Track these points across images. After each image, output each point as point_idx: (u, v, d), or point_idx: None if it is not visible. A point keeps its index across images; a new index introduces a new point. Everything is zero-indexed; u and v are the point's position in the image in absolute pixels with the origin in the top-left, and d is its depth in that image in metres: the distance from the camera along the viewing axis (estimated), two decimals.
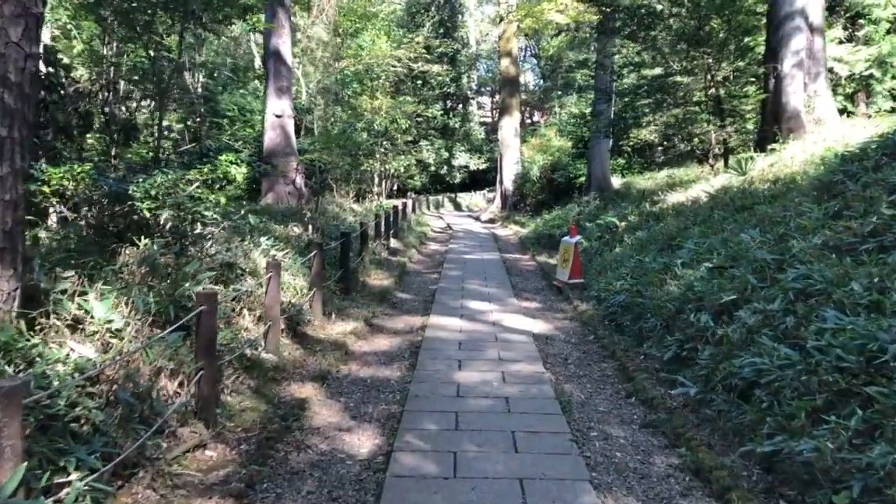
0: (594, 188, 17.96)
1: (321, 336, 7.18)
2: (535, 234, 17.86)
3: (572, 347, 7.22)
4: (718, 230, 8.12)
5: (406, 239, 16.34)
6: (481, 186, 43.15)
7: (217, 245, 6.97)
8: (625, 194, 16.73)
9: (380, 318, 8.53)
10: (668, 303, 6.56)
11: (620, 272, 8.72)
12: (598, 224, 13.56)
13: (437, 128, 38.29)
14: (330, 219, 12.77)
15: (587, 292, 9.57)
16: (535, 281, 11.78)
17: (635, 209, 13.34)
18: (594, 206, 16.97)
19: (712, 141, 12.16)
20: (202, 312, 4.40)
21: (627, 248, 10.23)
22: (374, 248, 12.40)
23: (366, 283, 10.51)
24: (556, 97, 32.44)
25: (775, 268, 5.74)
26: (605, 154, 18.15)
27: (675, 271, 7.22)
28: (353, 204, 16.71)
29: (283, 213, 11.83)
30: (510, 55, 28.35)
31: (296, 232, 10.57)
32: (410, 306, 9.42)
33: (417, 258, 14.60)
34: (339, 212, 14.15)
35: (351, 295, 9.31)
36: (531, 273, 12.72)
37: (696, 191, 11.55)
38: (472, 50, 45.32)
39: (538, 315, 8.80)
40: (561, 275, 10.52)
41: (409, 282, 11.45)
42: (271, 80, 14.51)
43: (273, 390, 5.38)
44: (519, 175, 26.76)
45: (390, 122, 22.23)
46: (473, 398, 5.43)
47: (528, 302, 9.74)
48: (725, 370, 4.78)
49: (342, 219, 13.52)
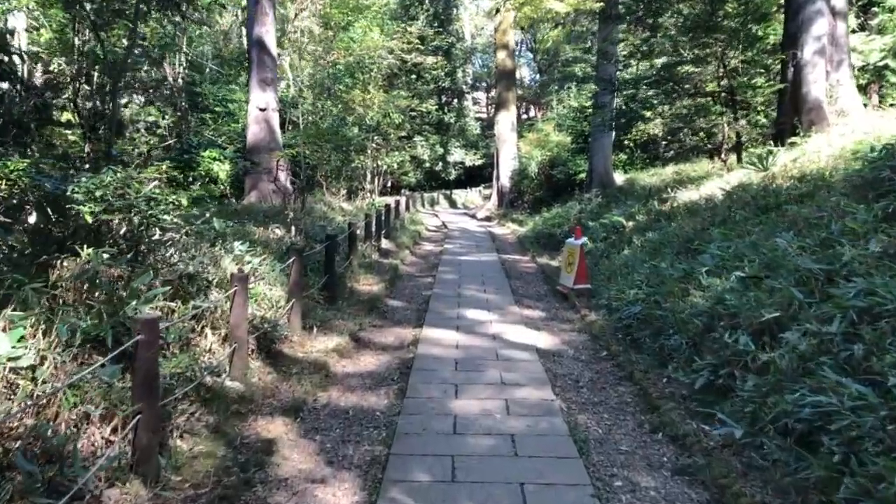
0: (596, 185, 17.15)
1: (299, 355, 6.34)
2: (535, 234, 17.04)
3: (583, 366, 6.40)
4: (743, 233, 7.32)
5: (399, 239, 15.50)
6: (477, 183, 42.37)
7: (180, 253, 6.12)
8: (629, 191, 15.93)
9: (367, 330, 7.69)
10: (693, 317, 5.75)
11: (633, 279, 7.90)
12: (602, 223, 12.74)
13: (431, 123, 37.42)
14: (316, 219, 11.92)
15: (595, 300, 8.76)
16: (537, 285, 10.96)
17: (642, 207, 12.53)
18: (596, 203, 16.16)
19: (725, 134, 11.35)
20: (140, 343, 3.57)
21: (638, 251, 9.42)
22: (363, 251, 11.56)
23: (354, 289, 9.67)
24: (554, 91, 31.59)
25: (824, 280, 4.92)
26: (607, 149, 17.33)
27: (698, 280, 6.40)
28: (343, 202, 15.84)
29: (266, 214, 10.98)
30: (506, 48, 27.49)
31: (277, 234, 9.72)
32: (402, 316, 8.58)
33: (411, 260, 13.76)
34: (327, 211, 13.28)
35: (337, 304, 8.47)
36: (532, 276, 11.90)
37: (710, 188, 10.74)
38: (466, 44, 44.42)
39: (542, 326, 7.98)
40: (565, 280, 9.70)
41: (401, 287, 10.62)
42: (254, 71, 13.62)
43: (235, 428, 4.54)
44: (516, 171, 25.95)
45: (383, 117, 21.35)
46: (473, 436, 4.61)
47: (531, 310, 8.92)
48: (776, 407, 3.97)
49: (330, 219, 12.66)
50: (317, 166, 18.03)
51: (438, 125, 38.17)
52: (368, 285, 10.19)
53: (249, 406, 4.92)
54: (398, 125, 22.53)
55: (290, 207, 9.84)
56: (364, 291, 9.68)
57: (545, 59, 47.66)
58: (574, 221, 15.62)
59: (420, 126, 35.87)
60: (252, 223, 9.99)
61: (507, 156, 26.87)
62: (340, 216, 13.37)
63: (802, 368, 4.15)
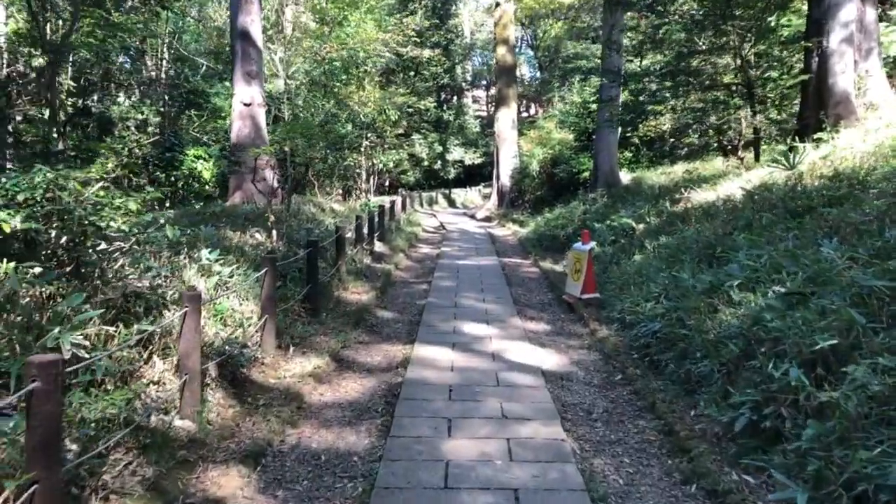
0: (601, 184, 16.33)
1: (271, 381, 5.53)
2: (537, 235, 16.23)
3: (596, 393, 5.59)
4: (773, 239, 6.51)
5: (393, 242, 14.69)
6: (477, 182, 41.59)
7: (134, 266, 5.31)
8: (636, 191, 15.10)
9: (352, 348, 6.88)
10: (725, 340, 4.94)
11: (649, 290, 7.08)
12: (610, 226, 11.92)
13: (430, 121, 36.65)
14: (303, 221, 11.11)
15: (606, 311, 7.95)
16: (540, 293, 10.15)
17: (652, 209, 11.71)
18: (602, 203, 15.34)
19: (742, 130, 10.54)
20: (35, 393, 2.76)
21: (652, 258, 8.60)
22: (353, 256, 10.75)
23: (341, 298, 8.86)
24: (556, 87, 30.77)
25: (889, 299, 4.11)
26: (612, 146, 16.52)
27: (728, 294, 5.59)
28: (335, 203, 15.02)
29: (247, 216, 10.18)
30: (506, 42, 26.66)
31: (258, 239, 8.91)
32: (392, 330, 7.77)
33: (405, 264, 12.95)
34: (317, 213, 12.47)
35: (320, 316, 7.66)
36: (535, 283, 11.08)
37: (728, 188, 9.93)
38: (465, 40, 43.59)
39: (548, 342, 7.17)
40: (572, 288, 8.90)
41: (393, 295, 9.81)
42: (238, 63, 12.80)
43: (179, 482, 3.73)
44: (517, 170, 25.14)
45: (378, 114, 20.53)
46: (468, 491, 3.80)
47: (535, 323, 8.11)
48: (848, 466, 3.16)
49: (319, 221, 11.85)
50: (308, 165, 17.24)
51: (437, 123, 37.38)
52: (357, 294, 9.38)
53: (201, 451, 4.11)
54: (395, 122, 21.71)
55: (270, 210, 9.01)
56: (352, 301, 8.87)
57: (546, 56, 46.84)
58: (578, 222, 14.82)
59: (418, 124, 35.09)
60: (230, 227, 9.18)
61: (508, 154, 26.05)
62: (330, 218, 12.55)
63: (877, 415, 3.34)
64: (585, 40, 38.45)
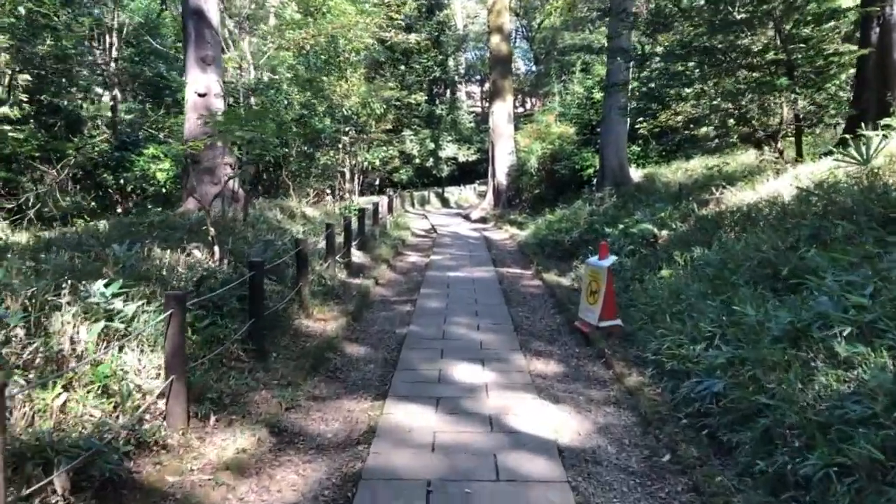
0: (609, 182, 14.64)
1: (168, 480, 3.80)
2: (538, 240, 14.52)
3: (639, 489, 3.89)
4: (863, 256, 4.83)
5: (376, 250, 12.96)
6: (471, 179, 39.92)
7: None
8: (649, 189, 13.44)
9: (302, 408, 5.16)
10: (843, 425, 3.25)
11: (695, 325, 5.36)
12: (625, 232, 10.23)
13: (421, 116, 34.89)
14: (263, 232, 9.37)
15: (632, 346, 6.26)
16: (546, 315, 8.44)
17: (674, 211, 10.04)
18: (611, 204, 13.66)
19: (784, 116, 8.84)
20: None
21: (686, 275, 6.90)
22: (322, 272, 9.02)
23: (300, 330, 7.14)
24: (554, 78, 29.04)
25: None
26: (621, 139, 14.82)
27: (827, 344, 3.89)
28: (309, 207, 13.27)
29: (192, 227, 8.44)
30: (501, 31, 24.91)
31: (196, 257, 7.18)
32: (360, 375, 6.05)
33: (388, 278, 11.23)
34: (284, 220, 10.73)
35: (266, 360, 5.94)
36: (538, 301, 9.38)
37: (772, 187, 8.24)
38: (458, 31, 41.82)
39: (562, 393, 5.47)
40: (587, 313, 7.20)
41: (368, 321, 8.09)
42: (191, 47, 11.04)
43: None
44: (514, 167, 23.43)
45: (362, 107, 18.78)
46: None
47: (542, 361, 6.41)
48: None
49: (284, 230, 10.11)
50: (280, 164, 15.51)
51: (429, 118, 35.63)
52: (324, 321, 7.66)
53: None
54: (380, 117, 19.97)
55: (211, 219, 7.27)
56: (315, 332, 7.15)
57: (541, 48, 45.10)
58: (584, 225, 13.13)
59: (409, 119, 33.35)
60: (164, 242, 7.44)
61: (504, 150, 24.35)
62: (300, 225, 10.82)
63: None
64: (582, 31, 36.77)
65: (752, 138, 10.14)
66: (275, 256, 7.97)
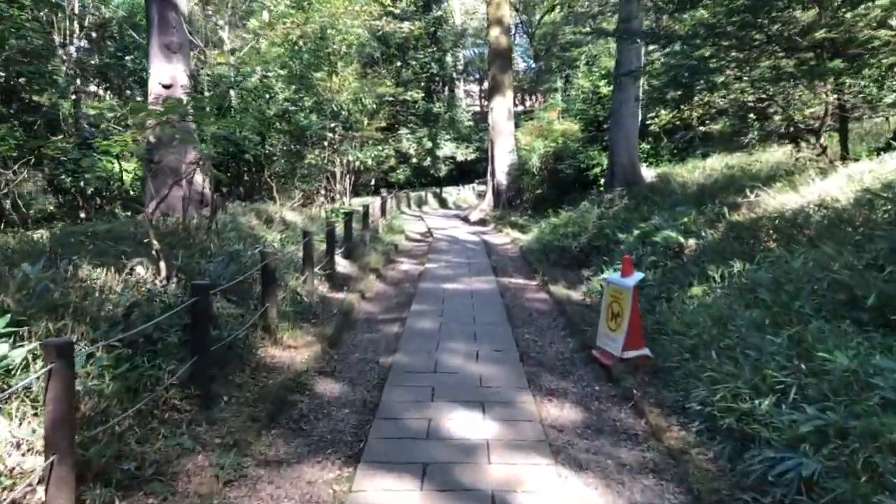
0: (619, 182, 13.45)
1: None
2: (541, 245, 13.35)
3: None
4: None
5: (365, 258, 11.77)
6: (470, 179, 38.76)
7: None
8: (664, 190, 12.25)
9: (246, 484, 3.95)
10: None
11: (761, 369, 4.16)
12: (643, 239, 9.06)
13: (418, 114, 33.68)
14: (232, 241, 8.17)
15: (667, 388, 5.08)
16: (557, 338, 7.24)
17: (699, 216, 8.85)
18: (622, 206, 12.47)
19: (828, 107, 7.66)
20: None
21: (726, 295, 5.71)
22: (296, 287, 7.83)
23: (263, 362, 5.95)
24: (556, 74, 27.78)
25: None
26: (632, 136, 13.63)
27: None
28: (291, 211, 12.06)
29: (141, 238, 7.21)
30: (500, 23, 23.75)
31: (139, 275, 5.98)
32: (328, 427, 4.85)
33: (376, 290, 10.04)
34: (259, 226, 9.52)
35: (212, 408, 4.76)
36: (546, 319, 8.18)
37: (821, 188, 7.05)
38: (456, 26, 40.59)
39: (585, 456, 4.27)
40: (607, 341, 6.01)
41: (348, 347, 6.90)
42: (155, 34, 9.84)
43: None
44: (514, 166, 22.27)
45: (353, 103, 17.57)
46: None
47: (557, 404, 5.22)
48: None
49: (257, 238, 8.90)
50: (262, 164, 14.32)
51: (426, 116, 34.41)
52: (294, 348, 6.47)
53: None
54: (373, 113, 18.76)
55: (152, 228, 6.06)
56: (280, 365, 5.96)
57: (542, 45, 43.88)
58: (594, 230, 11.95)
59: (405, 117, 32.16)
60: (102, 257, 6.24)
61: (504, 148, 23.19)
62: (277, 233, 9.61)
63: None
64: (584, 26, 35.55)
65: (787, 133, 8.95)
66: (238, 272, 6.78)
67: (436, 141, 34.68)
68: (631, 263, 6.01)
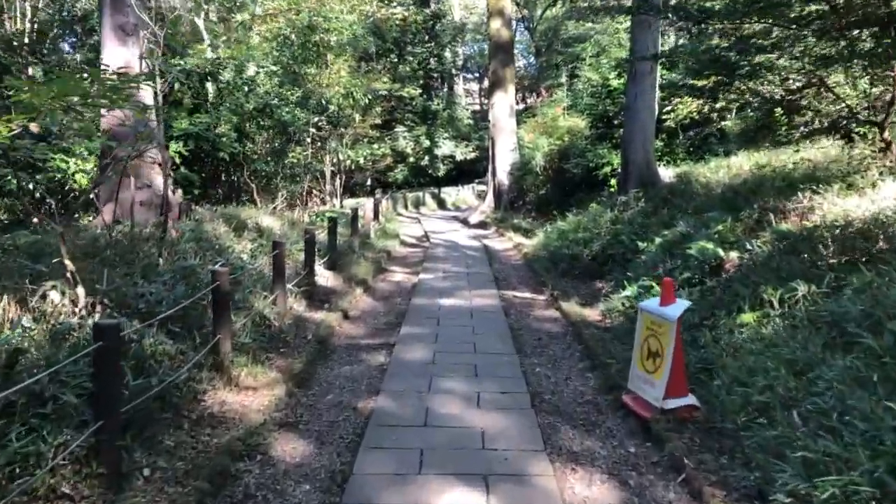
0: (633, 182, 12.22)
1: None
2: (548, 253, 12.12)
3: None
4: None
5: (352, 268, 10.52)
6: (470, 179, 37.52)
7: None
8: (685, 192, 11.01)
9: None
10: None
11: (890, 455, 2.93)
12: (669, 248, 7.83)
13: (416, 111, 32.43)
14: (188, 254, 6.91)
15: (727, 456, 3.84)
16: (576, 374, 6.01)
17: (734, 223, 7.61)
18: (638, 210, 11.24)
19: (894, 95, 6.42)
20: None
21: (792, 328, 4.48)
22: (263, 310, 6.59)
23: (209, 412, 4.71)
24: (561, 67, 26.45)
25: None
26: (648, 131, 12.39)
27: None
28: (269, 216, 10.79)
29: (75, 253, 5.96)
30: (502, 14, 22.51)
31: (53, 303, 4.73)
32: None
33: (363, 306, 8.80)
34: (226, 234, 8.26)
35: (124, 489, 3.52)
36: (560, 345, 6.95)
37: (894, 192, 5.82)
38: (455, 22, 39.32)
39: None
40: (643, 386, 4.77)
41: (320, 386, 5.66)
42: (107, 12, 8.60)
43: None
44: (516, 165, 21.03)
45: (343, 97, 16.33)
46: None
47: (583, 477, 3.99)
48: None
49: (221, 250, 7.65)
50: (242, 164, 13.07)
51: (424, 113, 33.15)
52: (253, 389, 5.24)
53: None
54: (366, 108, 17.52)
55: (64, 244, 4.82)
56: (230, 416, 4.72)
57: (543, 40, 42.61)
58: (607, 236, 10.73)
59: (402, 114, 30.92)
60: (13, 277, 5.00)
61: (505, 147, 21.96)
62: (248, 242, 8.36)
63: None
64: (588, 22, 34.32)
65: (835, 126, 7.71)
66: (186, 295, 5.54)
67: (434, 139, 33.43)
68: (673, 288, 4.77)
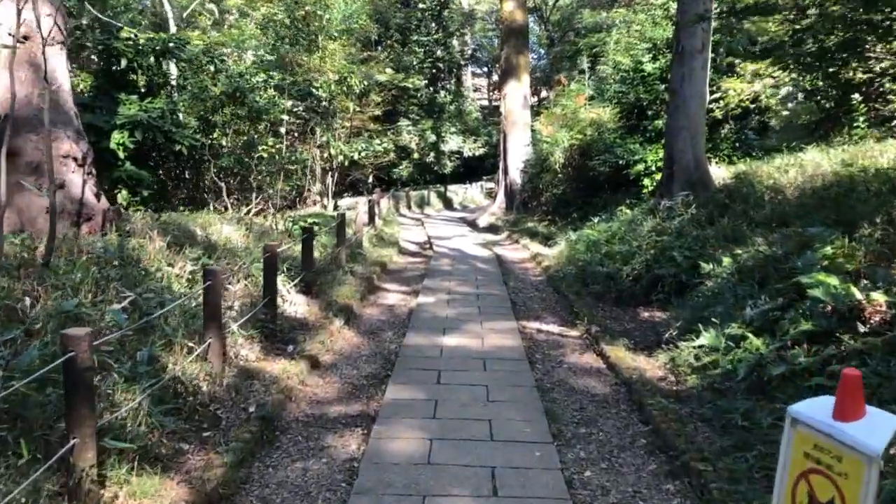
0: (679, 184, 10.06)
1: None
2: (576, 269, 9.99)
3: None
4: None
5: (333, 290, 8.41)
6: (478, 176, 35.41)
7: None
8: (749, 198, 8.85)
9: None
10: None
11: None
12: (748, 274, 5.69)
13: (421, 103, 30.32)
14: (77, 287, 4.82)
15: None
16: (647, 485, 3.89)
17: (850, 244, 5.46)
18: (688, 218, 9.07)
19: None
20: None
21: None
22: (180, 372, 4.48)
23: None
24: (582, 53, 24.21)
25: None
26: (698, 122, 10.21)
27: None
28: (230, 225, 8.69)
29: None
30: None
31: None
32: None
33: (338, 349, 6.69)
34: (157, 251, 6.16)
35: None
36: (612, 422, 4.83)
37: None
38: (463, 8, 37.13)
39: None
40: None
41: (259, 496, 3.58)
42: None
43: None
44: (531, 162, 18.92)
45: (337, 83, 14.25)
46: None
47: None
48: None
49: (143, 275, 5.55)
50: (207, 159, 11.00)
51: (430, 106, 31.01)
52: None
53: None
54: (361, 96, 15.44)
55: None
56: None
57: (557, 31, 40.37)
58: (650, 249, 8.59)
59: (406, 106, 28.82)
60: None
61: (519, 141, 19.87)
62: (189, 262, 6.27)
63: None
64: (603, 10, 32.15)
65: None
66: (34, 367, 3.46)
67: (440, 134, 31.29)
68: (862, 390, 2.63)
